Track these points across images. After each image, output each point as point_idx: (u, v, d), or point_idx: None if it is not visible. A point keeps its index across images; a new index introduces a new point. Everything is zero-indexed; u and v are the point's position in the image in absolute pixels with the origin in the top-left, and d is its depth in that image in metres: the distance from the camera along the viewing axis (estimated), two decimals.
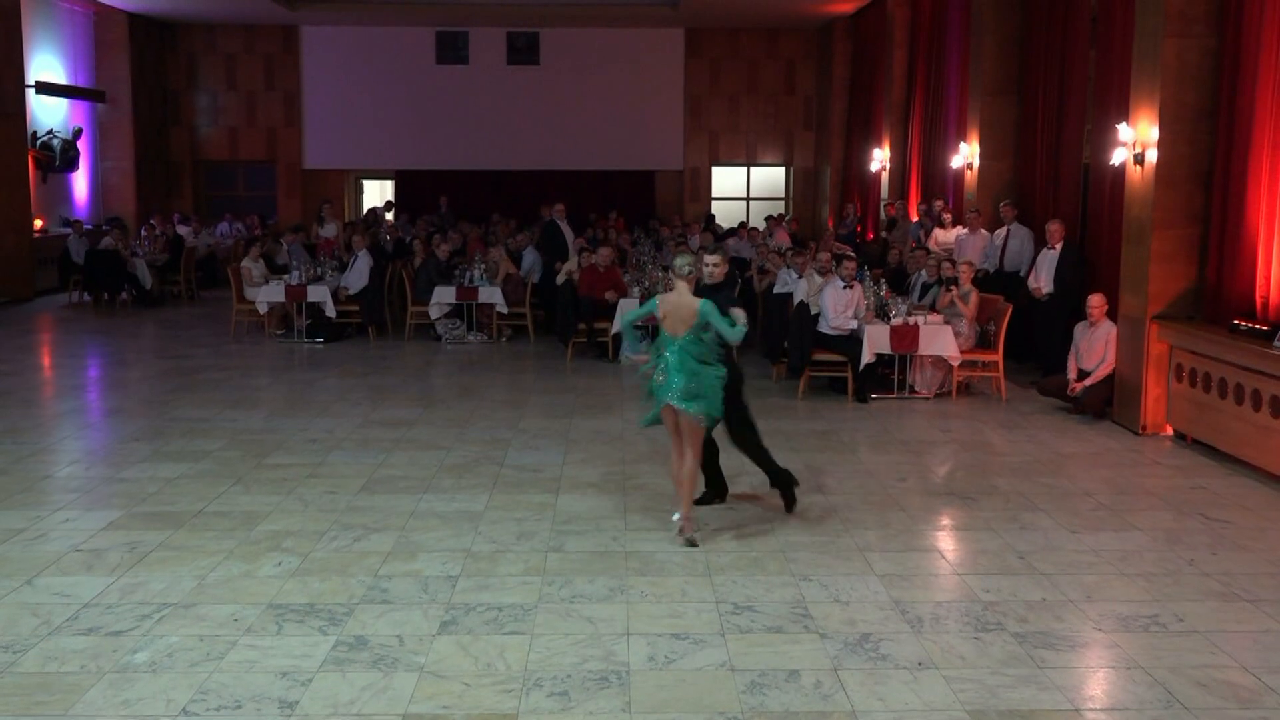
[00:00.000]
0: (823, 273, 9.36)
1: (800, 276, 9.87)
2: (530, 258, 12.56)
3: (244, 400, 8.51)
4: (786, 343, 8.98)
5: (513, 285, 11.98)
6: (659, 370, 5.26)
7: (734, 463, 6.07)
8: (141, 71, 18.47)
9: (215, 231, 18.11)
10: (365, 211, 19.30)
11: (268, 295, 11.67)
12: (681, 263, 5.37)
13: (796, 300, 9.19)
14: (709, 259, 5.68)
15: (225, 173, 20.20)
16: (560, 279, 11.36)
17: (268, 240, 14.63)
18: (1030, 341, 9.83)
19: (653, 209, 20.39)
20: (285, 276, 12.00)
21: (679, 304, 5.32)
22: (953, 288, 9.06)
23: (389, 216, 18.80)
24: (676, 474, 5.27)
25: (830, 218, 18.78)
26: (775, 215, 17.53)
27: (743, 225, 16.96)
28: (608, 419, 7.97)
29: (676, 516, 5.24)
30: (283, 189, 19.92)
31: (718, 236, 15.10)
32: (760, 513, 5.62)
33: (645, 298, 10.50)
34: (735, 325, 5.22)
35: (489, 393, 8.94)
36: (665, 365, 5.24)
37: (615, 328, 10.25)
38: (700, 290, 5.50)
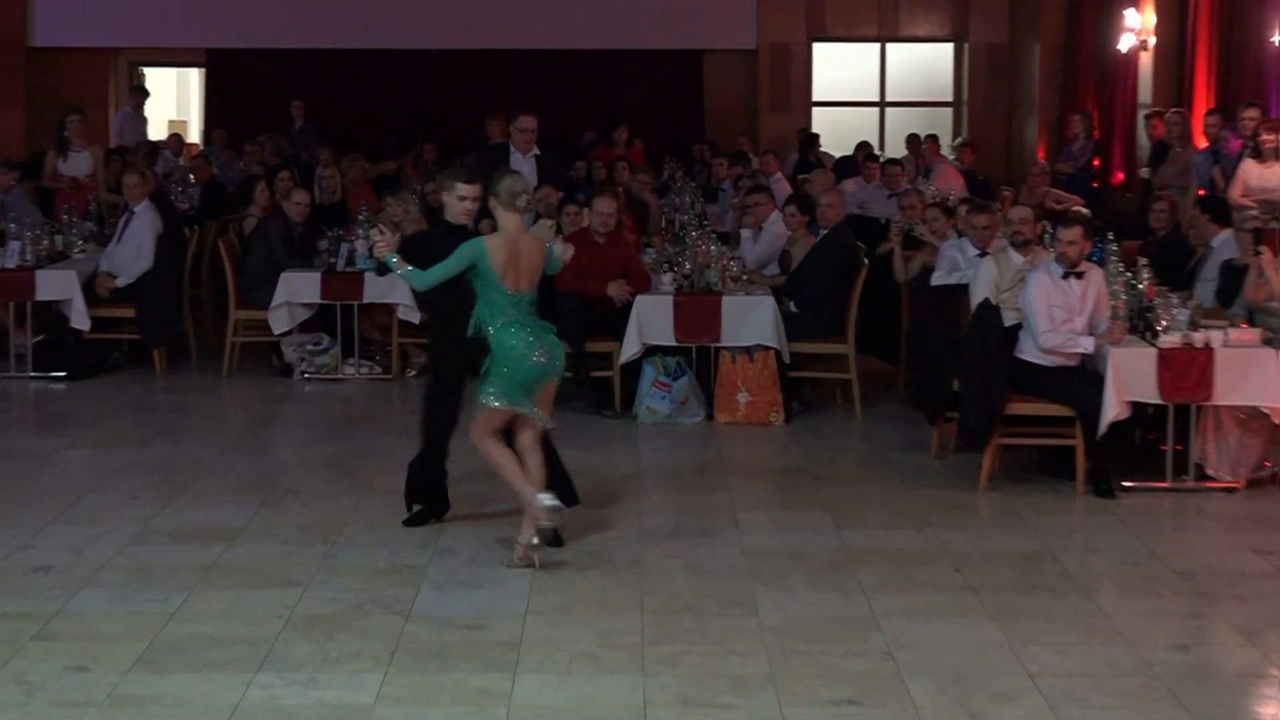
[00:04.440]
0: (1022, 245, 9.30)
1: (983, 254, 9.85)
2: None
3: None
4: (958, 381, 8.96)
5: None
6: (527, 343, 7.10)
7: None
8: None
9: None
10: (118, 107, 19.38)
11: None
12: (514, 189, 7.17)
13: (976, 299, 9.17)
14: (462, 189, 7.51)
15: None
16: None
17: None
18: None
19: (700, 125, 20.46)
20: None
21: (521, 246, 7.19)
22: (1262, 250, 8.96)
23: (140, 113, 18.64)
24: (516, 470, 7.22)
25: (1041, 140, 18.81)
26: (933, 138, 17.55)
27: (871, 156, 16.99)
28: (612, 527, 7.98)
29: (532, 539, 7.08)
30: None
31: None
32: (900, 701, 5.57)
33: (688, 291, 10.60)
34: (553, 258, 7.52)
35: (382, 475, 8.92)
36: (527, 338, 7.10)
37: (629, 351, 10.30)
38: (441, 232, 7.69)
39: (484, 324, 7.22)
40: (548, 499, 7.09)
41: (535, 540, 7.11)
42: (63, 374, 11.63)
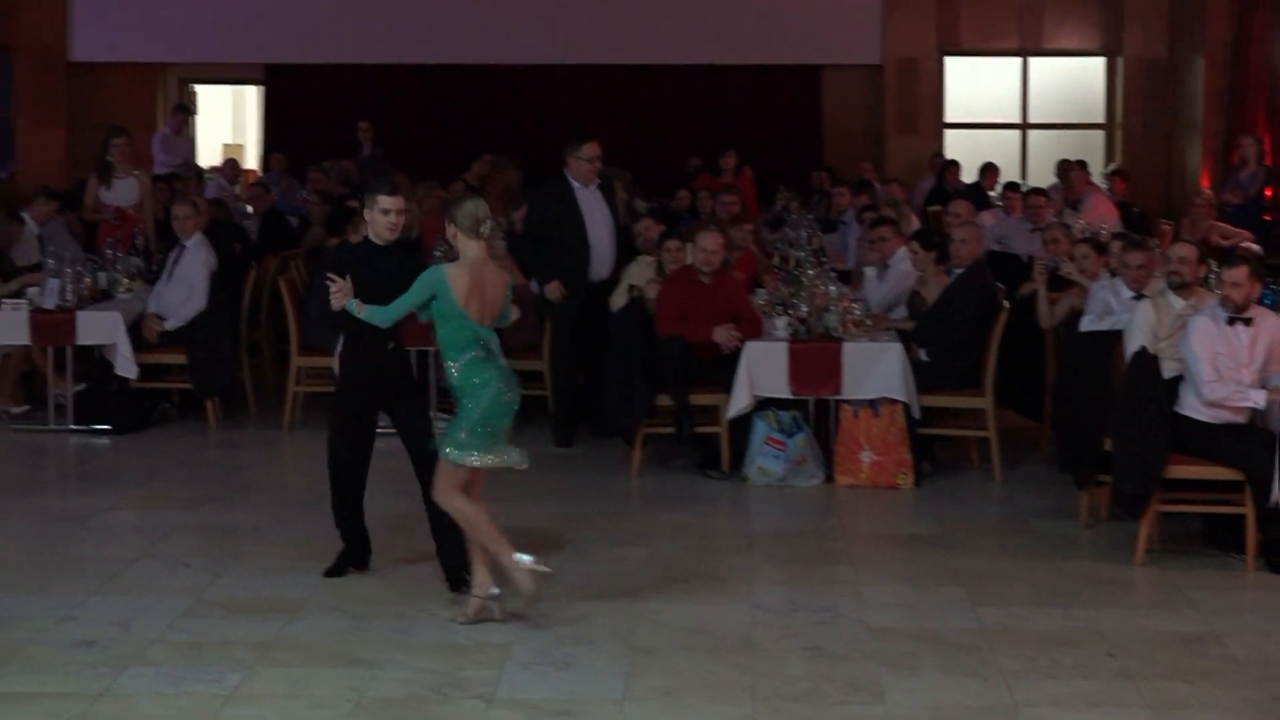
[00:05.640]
0: (1183, 287, 9.28)
1: (1139, 296, 9.85)
2: None
3: None
4: (1111, 440, 8.95)
5: (519, 312, 11.98)
6: (496, 380, 7.41)
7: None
8: None
9: None
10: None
11: None
12: (476, 214, 7.44)
13: (1131, 348, 9.15)
14: (385, 201, 7.95)
15: None
16: (616, 300, 11.41)
17: None
18: None
19: (817, 150, 20.43)
20: (29, 293, 12.19)
21: (485, 277, 7.49)
22: None
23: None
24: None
25: (1205, 167, 18.67)
26: (1082, 164, 17.50)
27: (1012, 185, 16.95)
28: (719, 601, 8.00)
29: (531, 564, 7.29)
30: (27, 106, 20.30)
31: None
32: None
33: (804, 337, 10.58)
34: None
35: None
36: (497, 374, 7.43)
37: (738, 404, 10.35)
38: (370, 250, 8.08)
39: (446, 362, 7.51)
40: (528, 560, 7.32)
41: (495, 590, 7.40)
42: (107, 427, 11.70)
